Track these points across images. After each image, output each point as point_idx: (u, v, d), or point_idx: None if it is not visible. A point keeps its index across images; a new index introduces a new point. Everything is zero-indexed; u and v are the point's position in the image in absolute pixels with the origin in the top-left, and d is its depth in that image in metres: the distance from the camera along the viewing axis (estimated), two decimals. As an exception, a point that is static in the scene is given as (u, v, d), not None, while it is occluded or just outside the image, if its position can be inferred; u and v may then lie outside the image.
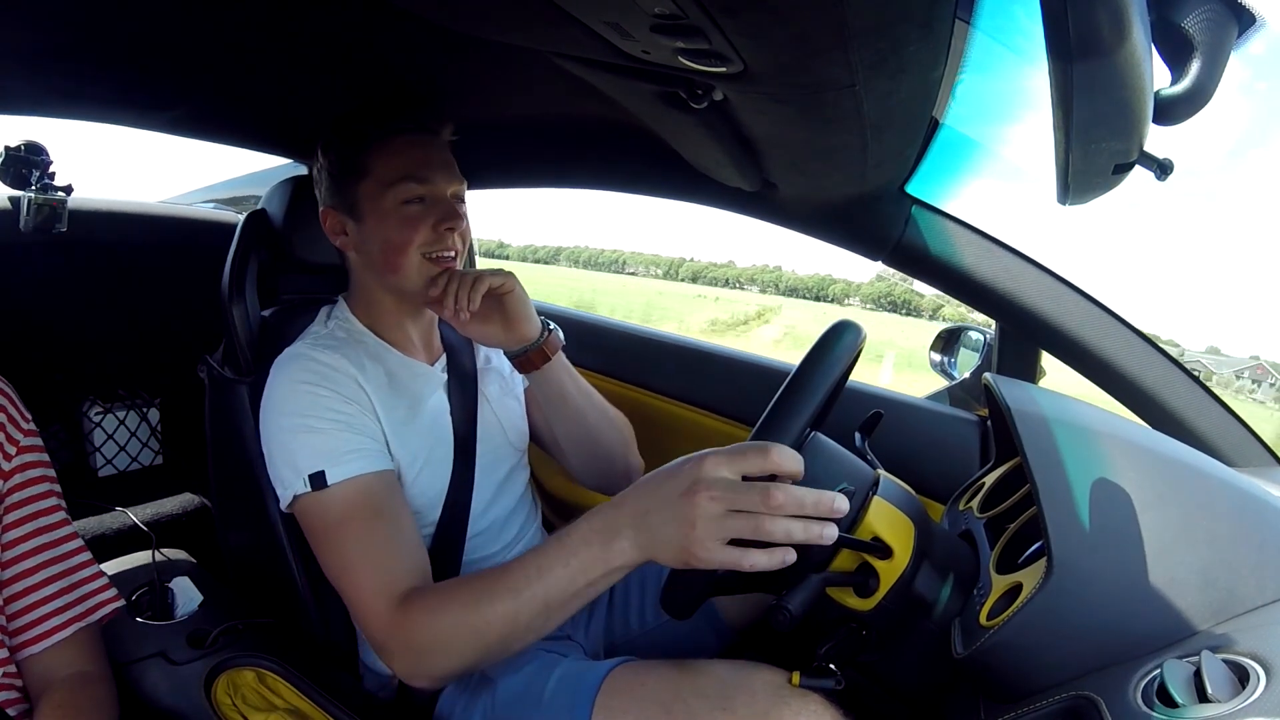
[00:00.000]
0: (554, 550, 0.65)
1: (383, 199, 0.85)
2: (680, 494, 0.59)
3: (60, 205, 1.07)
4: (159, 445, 1.50)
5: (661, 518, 0.60)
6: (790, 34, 0.46)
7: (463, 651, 0.68)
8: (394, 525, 0.78)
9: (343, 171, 0.87)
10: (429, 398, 0.91)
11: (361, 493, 0.77)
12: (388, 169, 0.85)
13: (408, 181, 0.84)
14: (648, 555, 0.62)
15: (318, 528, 0.78)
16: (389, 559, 0.75)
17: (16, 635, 0.71)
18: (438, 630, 0.69)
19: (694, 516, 0.57)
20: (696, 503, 0.57)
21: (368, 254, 0.88)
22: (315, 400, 0.80)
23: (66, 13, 0.73)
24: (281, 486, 0.80)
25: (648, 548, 0.61)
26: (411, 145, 0.86)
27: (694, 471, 0.59)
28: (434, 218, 0.85)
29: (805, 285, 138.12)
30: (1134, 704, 0.45)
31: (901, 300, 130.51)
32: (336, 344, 0.86)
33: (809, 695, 0.64)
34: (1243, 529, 0.55)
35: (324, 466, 0.76)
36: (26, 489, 0.72)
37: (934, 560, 0.64)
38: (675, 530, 0.59)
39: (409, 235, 0.84)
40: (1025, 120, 0.79)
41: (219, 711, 0.80)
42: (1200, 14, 0.42)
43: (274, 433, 0.81)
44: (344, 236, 0.89)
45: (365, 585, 0.74)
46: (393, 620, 0.71)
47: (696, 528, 0.57)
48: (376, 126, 0.86)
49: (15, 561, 0.71)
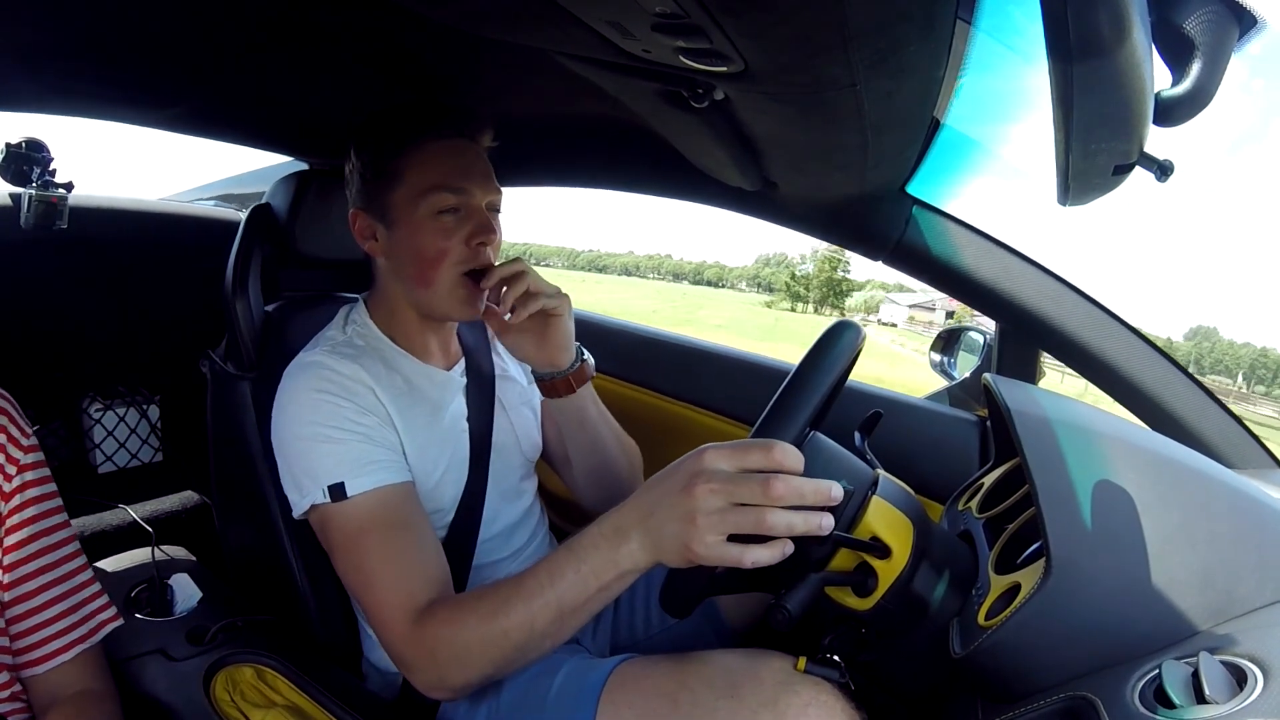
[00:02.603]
0: (564, 557, 0.65)
1: (415, 208, 0.82)
2: (680, 489, 0.59)
3: (61, 202, 1.07)
4: (159, 442, 1.50)
5: (665, 516, 0.60)
6: (791, 33, 0.46)
7: (481, 663, 0.68)
8: (413, 537, 0.77)
9: (375, 174, 0.84)
10: (448, 405, 0.90)
11: (381, 505, 0.76)
12: (421, 177, 0.82)
13: (441, 191, 0.81)
14: (655, 557, 0.61)
15: (336, 539, 0.77)
16: (408, 572, 0.74)
17: (20, 655, 0.70)
18: (457, 644, 0.69)
19: (694, 510, 0.57)
20: (696, 495, 0.57)
21: (398, 262, 0.86)
22: (334, 411, 0.78)
23: (68, 9, 0.73)
24: (298, 494, 0.78)
25: (654, 549, 0.61)
26: (447, 152, 0.84)
27: (693, 465, 0.59)
28: (467, 230, 0.82)
29: (688, 270, 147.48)
30: (1132, 705, 0.45)
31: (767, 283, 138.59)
32: (354, 353, 0.84)
33: (819, 683, 0.63)
34: (1242, 531, 0.55)
35: (344, 478, 0.75)
36: (28, 509, 0.71)
37: (933, 560, 0.64)
38: (678, 527, 0.58)
39: (442, 248, 0.81)
40: (1025, 120, 0.79)
41: (218, 708, 0.81)
42: (1201, 15, 0.42)
43: (290, 441, 0.79)
44: (373, 242, 0.87)
45: (385, 599, 0.73)
46: (412, 635, 0.71)
47: (697, 522, 0.57)
48: (411, 130, 0.83)
49: (18, 584, 0.69)
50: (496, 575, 0.90)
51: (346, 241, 0.90)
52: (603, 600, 0.65)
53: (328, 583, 0.90)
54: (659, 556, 0.61)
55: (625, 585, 0.64)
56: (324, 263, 1.02)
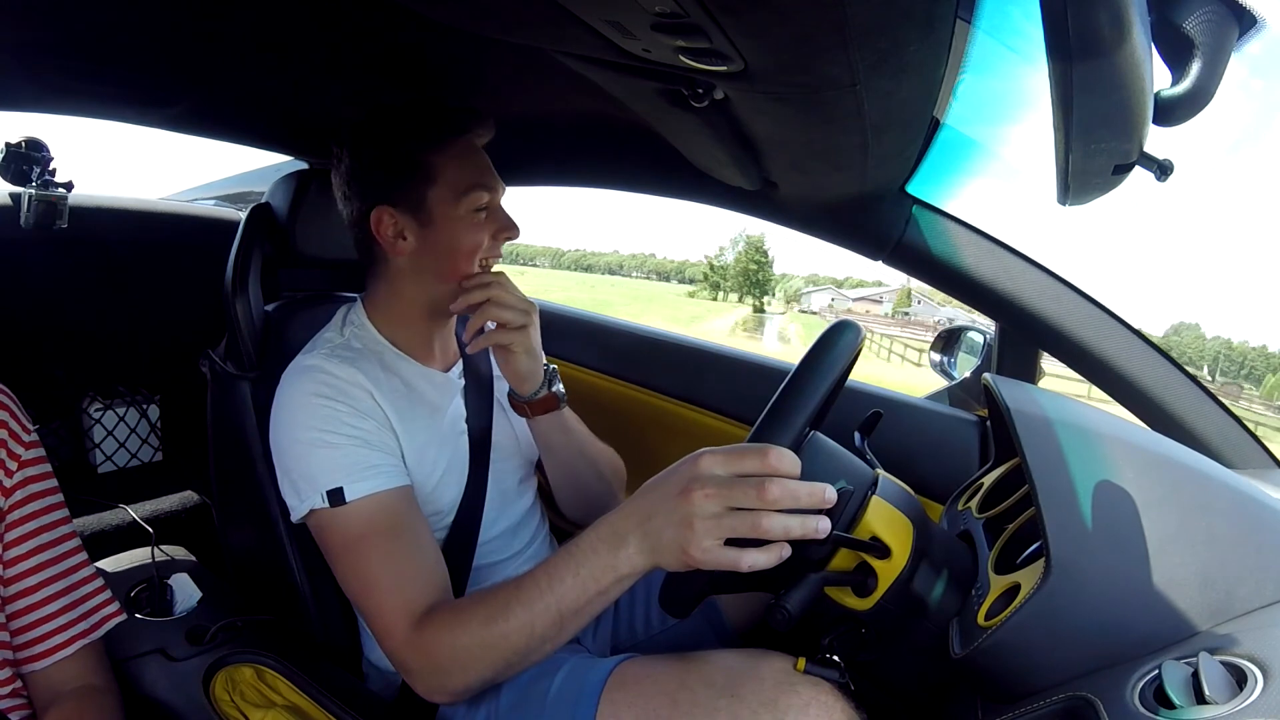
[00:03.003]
0: (563, 561, 0.65)
1: (456, 206, 0.83)
2: (677, 494, 0.59)
3: (61, 202, 1.07)
4: (159, 442, 1.50)
5: (662, 521, 0.60)
6: (791, 33, 0.46)
7: (481, 667, 0.68)
8: (412, 542, 0.77)
9: (407, 171, 0.83)
10: (447, 406, 0.90)
11: (380, 510, 0.76)
12: (460, 175, 0.83)
13: (479, 190, 0.83)
14: (653, 561, 0.62)
15: (335, 544, 0.77)
16: (408, 577, 0.74)
17: (21, 650, 0.70)
18: (457, 648, 0.69)
19: (691, 515, 0.57)
20: (693, 500, 0.57)
21: (429, 259, 0.85)
22: (332, 415, 0.78)
23: (68, 9, 0.73)
24: (297, 499, 0.78)
25: (652, 553, 0.61)
26: (474, 151, 0.86)
27: (690, 470, 0.59)
28: (495, 225, 0.85)
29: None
30: (1132, 705, 0.45)
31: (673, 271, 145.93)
32: (352, 355, 0.84)
33: (819, 682, 0.63)
34: (1242, 531, 0.55)
35: (342, 483, 0.75)
36: (28, 504, 0.71)
37: (933, 560, 0.64)
38: (675, 533, 0.59)
39: (477, 242, 0.84)
40: (1025, 120, 0.79)
41: (217, 708, 0.81)
42: (1201, 15, 0.42)
43: (288, 445, 0.79)
44: (401, 240, 0.85)
45: (385, 605, 0.73)
46: (412, 640, 0.71)
47: (694, 527, 0.57)
48: (440, 127, 0.84)
49: (19, 579, 0.70)
50: (497, 577, 0.90)
51: (346, 241, 0.90)
52: (602, 604, 0.65)
53: (327, 583, 0.90)
54: (657, 560, 0.61)
55: (624, 589, 0.65)
56: (324, 262, 1.02)
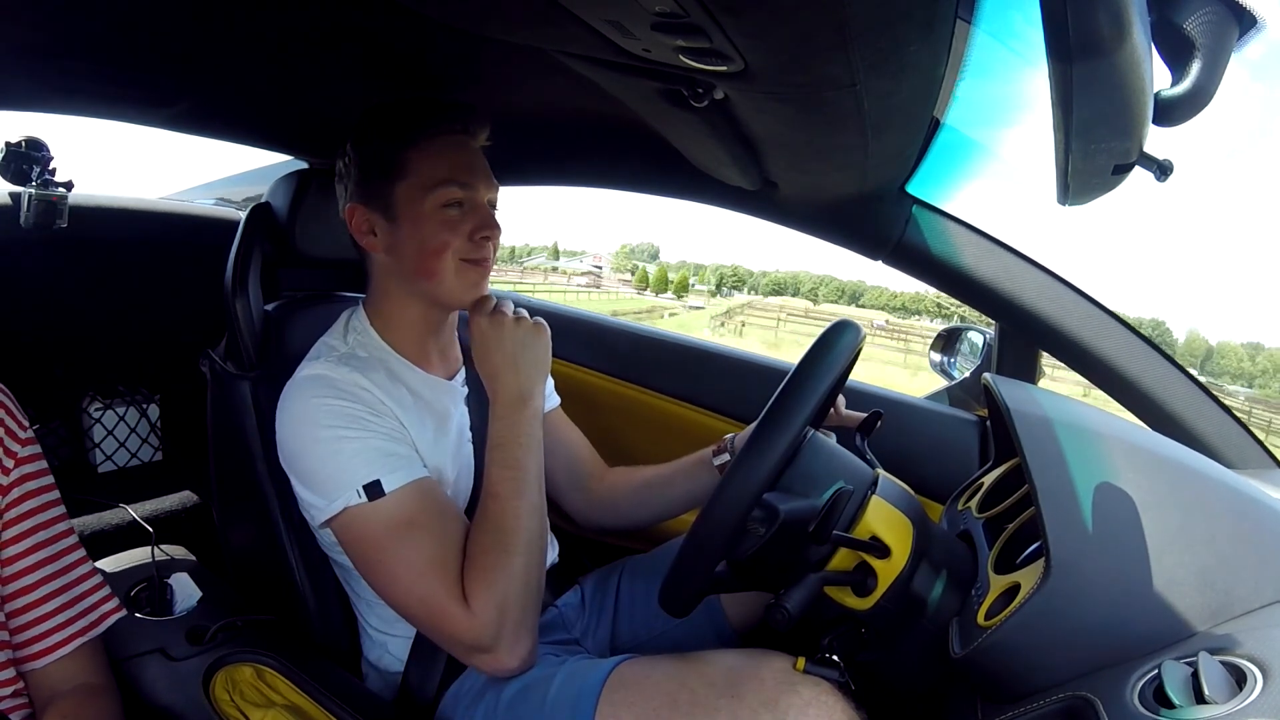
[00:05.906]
0: (496, 468, 0.78)
1: (422, 201, 0.81)
2: (510, 329, 0.83)
3: (61, 201, 1.07)
4: (159, 441, 1.50)
5: (523, 360, 0.82)
6: (791, 33, 0.46)
7: (526, 595, 0.74)
8: (456, 517, 0.78)
9: (379, 168, 0.83)
10: (453, 414, 0.90)
11: (419, 495, 0.76)
12: (430, 170, 0.82)
13: (450, 185, 0.81)
14: (532, 385, 0.82)
15: (375, 538, 0.74)
16: (452, 558, 0.74)
17: (20, 649, 0.70)
18: (506, 593, 0.72)
19: (516, 329, 0.83)
20: (504, 325, 0.82)
21: (399, 256, 0.84)
22: (349, 412, 0.77)
23: (68, 9, 0.72)
24: (323, 500, 0.75)
25: (529, 382, 0.82)
26: (453, 147, 0.84)
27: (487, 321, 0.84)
28: (471, 224, 0.82)
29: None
30: (1131, 705, 0.45)
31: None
32: (359, 364, 0.82)
33: (820, 682, 0.63)
34: (1241, 531, 0.55)
35: (379, 475, 0.74)
36: (25, 502, 0.71)
37: (932, 560, 0.64)
38: (533, 354, 0.83)
39: (446, 239, 0.81)
40: (1025, 120, 0.79)
41: (217, 708, 0.80)
42: (1201, 15, 0.41)
43: (308, 447, 0.77)
44: (371, 237, 0.85)
45: (439, 591, 0.72)
46: (473, 616, 0.71)
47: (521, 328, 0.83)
48: (417, 123, 0.83)
49: (17, 577, 0.69)
50: None
51: (346, 240, 0.90)
52: (537, 455, 0.80)
53: (328, 583, 0.90)
54: (535, 383, 0.83)
55: (539, 426, 0.82)
56: (324, 262, 1.02)
